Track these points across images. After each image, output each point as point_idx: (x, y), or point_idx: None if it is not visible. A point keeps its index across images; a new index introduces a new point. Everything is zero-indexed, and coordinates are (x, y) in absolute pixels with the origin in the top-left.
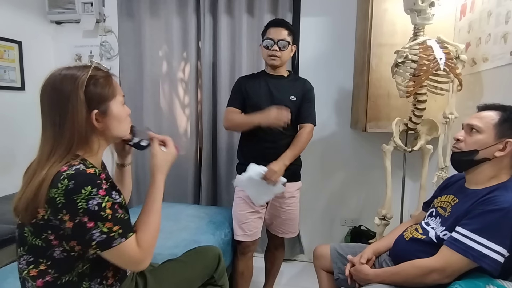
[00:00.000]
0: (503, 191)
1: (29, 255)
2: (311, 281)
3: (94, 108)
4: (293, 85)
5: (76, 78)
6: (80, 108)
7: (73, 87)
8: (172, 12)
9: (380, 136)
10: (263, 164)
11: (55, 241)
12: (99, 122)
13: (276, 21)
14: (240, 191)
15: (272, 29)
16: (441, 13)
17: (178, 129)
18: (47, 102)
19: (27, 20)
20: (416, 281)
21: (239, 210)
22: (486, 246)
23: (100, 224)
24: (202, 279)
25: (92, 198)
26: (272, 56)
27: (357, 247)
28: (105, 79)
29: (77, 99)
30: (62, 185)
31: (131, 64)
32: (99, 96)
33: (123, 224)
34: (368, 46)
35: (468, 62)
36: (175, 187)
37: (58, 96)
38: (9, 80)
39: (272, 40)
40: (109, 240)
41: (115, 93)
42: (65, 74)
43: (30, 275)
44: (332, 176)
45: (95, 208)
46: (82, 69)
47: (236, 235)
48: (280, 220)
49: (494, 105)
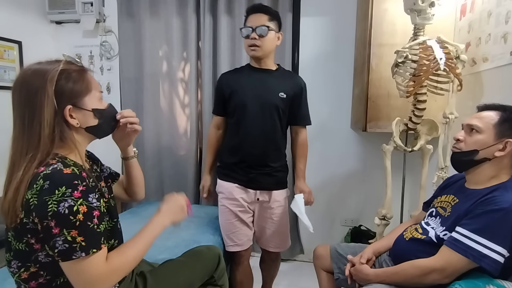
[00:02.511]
0: (503, 191)
1: (16, 260)
2: (311, 281)
3: (67, 103)
4: (283, 80)
5: (46, 73)
6: (48, 104)
7: (41, 82)
8: (172, 12)
9: (380, 136)
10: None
11: (36, 245)
12: (73, 118)
13: (254, 6)
14: (224, 199)
15: (251, 16)
16: (441, 13)
17: (178, 129)
18: (17, 98)
19: (27, 20)
20: (416, 281)
21: (225, 219)
22: (486, 246)
23: (66, 231)
24: (202, 279)
25: (64, 200)
26: (252, 46)
27: (357, 247)
28: (78, 73)
29: (45, 94)
30: (37, 186)
31: (131, 64)
32: (71, 91)
33: (89, 236)
34: (368, 46)
35: (468, 62)
36: (175, 187)
37: (26, 92)
38: (9, 80)
39: (250, 28)
40: (70, 250)
41: (90, 88)
42: (35, 69)
43: (22, 277)
44: (332, 176)
45: (65, 211)
46: (54, 63)
47: (227, 246)
48: (270, 233)
49: (494, 105)
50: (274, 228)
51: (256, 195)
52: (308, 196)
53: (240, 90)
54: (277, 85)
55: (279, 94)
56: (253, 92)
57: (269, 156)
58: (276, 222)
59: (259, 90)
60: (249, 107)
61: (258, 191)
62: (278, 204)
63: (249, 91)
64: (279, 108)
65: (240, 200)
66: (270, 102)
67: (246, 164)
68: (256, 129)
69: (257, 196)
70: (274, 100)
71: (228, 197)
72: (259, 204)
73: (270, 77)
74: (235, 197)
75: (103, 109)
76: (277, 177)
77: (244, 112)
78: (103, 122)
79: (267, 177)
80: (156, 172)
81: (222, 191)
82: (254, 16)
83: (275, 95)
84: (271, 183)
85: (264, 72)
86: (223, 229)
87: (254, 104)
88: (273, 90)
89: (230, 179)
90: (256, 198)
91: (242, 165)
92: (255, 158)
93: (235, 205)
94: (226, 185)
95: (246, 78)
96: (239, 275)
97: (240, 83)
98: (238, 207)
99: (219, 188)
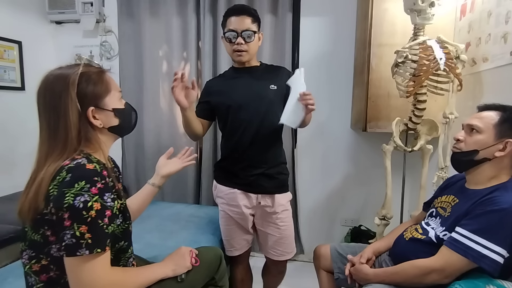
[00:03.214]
0: (503, 191)
1: (30, 250)
2: (311, 281)
3: (89, 105)
4: (269, 73)
5: (67, 77)
6: (72, 107)
7: (64, 86)
8: (172, 12)
9: (380, 136)
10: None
11: (51, 237)
12: (96, 119)
13: (236, 8)
14: (223, 204)
15: (233, 18)
16: (441, 13)
17: (178, 129)
18: (42, 103)
19: (27, 20)
20: (416, 281)
21: (225, 224)
22: (486, 247)
23: (76, 226)
24: (203, 280)
25: (81, 195)
26: (238, 51)
27: (357, 247)
28: (97, 75)
29: (69, 98)
30: (59, 178)
31: (131, 64)
32: (92, 93)
33: (97, 235)
34: (368, 46)
35: (468, 62)
36: (175, 187)
37: (50, 97)
38: (9, 80)
39: (234, 32)
40: (76, 246)
41: (110, 88)
42: (57, 74)
43: (33, 269)
44: (332, 176)
45: (80, 205)
46: (73, 67)
47: (227, 250)
48: (275, 239)
49: (494, 105)
50: (279, 234)
51: (258, 199)
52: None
53: (232, 91)
54: (265, 78)
55: (270, 87)
56: (245, 90)
57: (269, 151)
58: (282, 227)
59: (250, 86)
60: (243, 105)
61: (259, 195)
62: (283, 208)
63: (240, 90)
64: (272, 100)
65: (243, 207)
66: (262, 95)
67: (246, 164)
68: (254, 126)
69: (259, 200)
70: (266, 93)
71: (228, 203)
72: (261, 208)
73: (257, 73)
74: (235, 203)
75: (122, 108)
76: (278, 179)
77: (239, 111)
78: (123, 120)
79: (268, 180)
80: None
81: (221, 196)
82: (238, 18)
83: (266, 88)
84: (272, 186)
85: (250, 70)
86: (223, 233)
87: (247, 101)
88: (263, 84)
89: (229, 184)
90: (258, 202)
91: (242, 165)
92: (254, 155)
93: (235, 212)
94: (225, 190)
95: (234, 79)
96: (239, 273)
97: (229, 85)
98: (238, 214)
99: (218, 193)
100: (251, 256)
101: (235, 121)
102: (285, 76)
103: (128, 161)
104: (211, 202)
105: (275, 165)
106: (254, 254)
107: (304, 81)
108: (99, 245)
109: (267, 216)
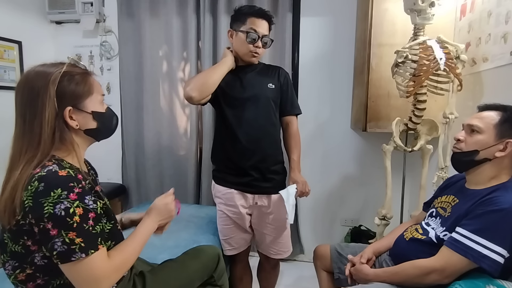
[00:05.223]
0: (503, 191)
1: (13, 260)
2: (311, 281)
3: (67, 104)
4: (267, 72)
5: (49, 74)
6: (50, 105)
7: (44, 83)
8: (172, 12)
9: (380, 136)
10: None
11: (33, 246)
12: (73, 119)
13: (261, 11)
14: (221, 204)
15: (257, 21)
16: (441, 13)
17: (178, 129)
18: (19, 99)
19: (27, 20)
20: (416, 281)
21: (223, 224)
22: (486, 247)
23: (64, 233)
24: (202, 279)
25: (60, 202)
26: (255, 52)
27: (357, 247)
28: (81, 76)
29: (47, 95)
30: (31, 187)
31: (131, 64)
32: (72, 93)
33: (87, 237)
34: (368, 46)
35: (468, 62)
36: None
37: (29, 92)
38: (9, 80)
39: (257, 34)
40: (69, 252)
41: (92, 91)
42: (38, 71)
43: (18, 279)
44: (332, 176)
45: (62, 213)
46: (57, 65)
47: (225, 250)
48: (271, 239)
49: (494, 105)
50: (275, 233)
51: (254, 199)
52: (303, 186)
53: (232, 87)
54: (263, 77)
55: (268, 85)
56: (244, 86)
57: (267, 150)
58: (277, 227)
59: (250, 84)
60: (242, 103)
61: (256, 195)
62: (280, 208)
63: (239, 86)
64: (270, 99)
65: (240, 207)
66: (261, 94)
67: (243, 163)
68: (253, 123)
69: (255, 200)
70: (265, 92)
71: (225, 202)
72: (258, 208)
73: (256, 71)
74: (232, 203)
75: (102, 112)
76: (275, 180)
77: (237, 108)
78: (102, 124)
79: (264, 180)
80: (156, 172)
81: (219, 196)
82: (261, 22)
83: (265, 87)
84: (269, 187)
85: (249, 68)
86: (221, 233)
87: (247, 98)
88: (262, 82)
89: (227, 184)
90: (255, 202)
91: (241, 165)
92: (252, 154)
93: (232, 212)
94: (223, 191)
95: (234, 76)
96: (238, 271)
97: (229, 82)
98: (236, 214)
99: (216, 192)
100: (250, 256)
101: (232, 118)
102: (282, 75)
103: (128, 161)
104: (211, 202)
105: (272, 164)
106: (254, 254)
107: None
108: (92, 246)
109: (264, 216)
